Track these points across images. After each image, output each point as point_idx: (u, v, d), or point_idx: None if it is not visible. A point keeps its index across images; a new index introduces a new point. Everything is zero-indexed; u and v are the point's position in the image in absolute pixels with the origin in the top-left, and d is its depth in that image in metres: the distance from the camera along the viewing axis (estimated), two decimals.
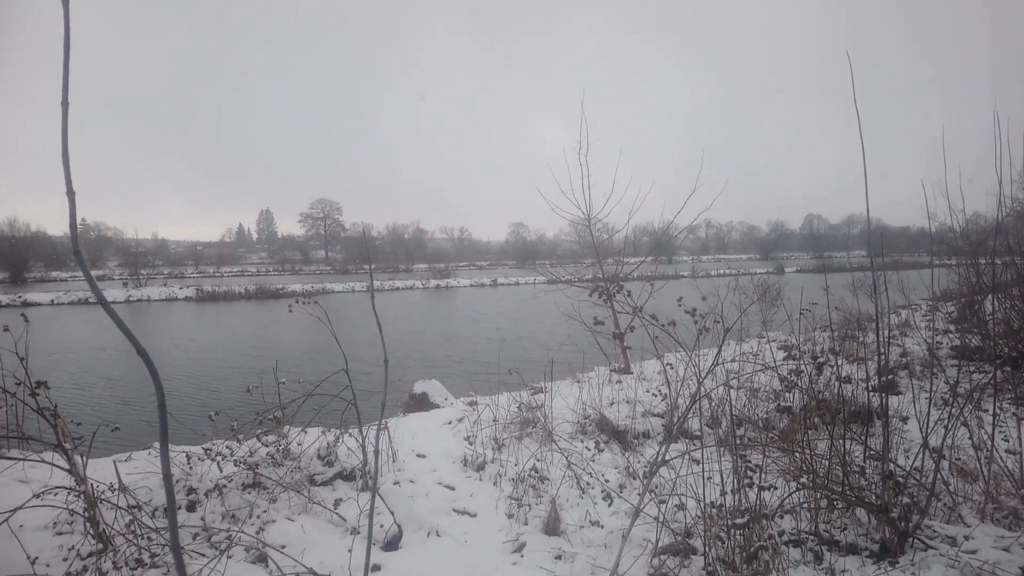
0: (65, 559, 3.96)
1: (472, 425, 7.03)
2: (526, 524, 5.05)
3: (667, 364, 5.98)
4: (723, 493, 4.00)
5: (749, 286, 12.55)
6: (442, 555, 4.58)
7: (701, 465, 4.34)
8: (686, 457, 4.69)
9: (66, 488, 4.32)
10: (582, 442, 6.66)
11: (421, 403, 9.75)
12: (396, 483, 5.61)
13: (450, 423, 7.39)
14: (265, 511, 4.86)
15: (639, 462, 5.92)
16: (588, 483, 5.56)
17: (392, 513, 4.86)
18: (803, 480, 4.48)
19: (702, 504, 4.15)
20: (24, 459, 4.64)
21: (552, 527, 4.87)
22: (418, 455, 6.53)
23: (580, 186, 10.08)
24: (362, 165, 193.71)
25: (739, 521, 3.61)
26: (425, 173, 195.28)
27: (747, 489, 4.38)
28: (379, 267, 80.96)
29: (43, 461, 4.45)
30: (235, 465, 5.32)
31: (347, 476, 5.77)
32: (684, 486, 4.60)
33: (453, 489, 5.73)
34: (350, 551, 4.14)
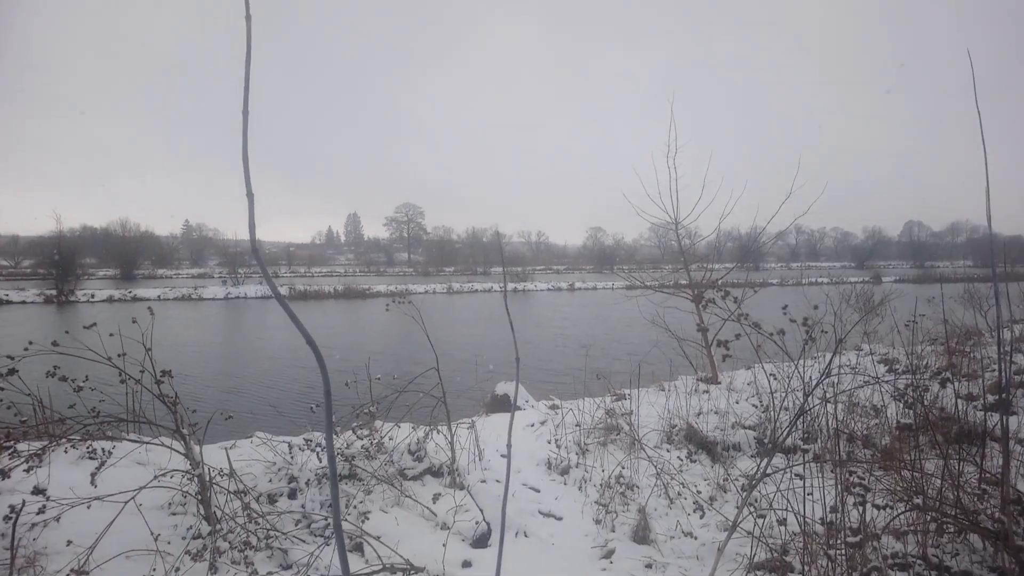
0: (183, 538, 4.25)
1: (555, 428, 7.05)
2: (613, 531, 5.03)
3: (770, 375, 5.79)
4: (832, 511, 3.85)
5: (846, 295, 11.97)
6: (531, 556, 4.62)
7: (804, 480, 4.18)
8: (787, 472, 4.54)
9: (181, 471, 4.64)
10: (669, 451, 6.55)
11: (503, 404, 9.86)
12: (483, 481, 5.70)
13: (532, 425, 7.43)
14: (361, 502, 5.05)
15: (730, 474, 5.77)
16: (679, 493, 5.46)
17: (481, 511, 4.95)
18: (913, 501, 4.24)
19: (802, 521, 4.00)
20: (147, 442, 5.01)
21: (642, 535, 4.83)
22: (503, 455, 6.60)
23: (667, 189, 9.93)
24: (444, 170, 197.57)
25: (852, 540, 3.46)
26: (503, 178, 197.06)
27: (850, 507, 4.19)
28: (457, 269, 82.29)
29: (163, 445, 4.81)
30: None
31: (436, 472, 5.92)
32: (781, 501, 4.45)
33: (538, 491, 5.76)
34: (444, 545, 4.25)
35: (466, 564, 4.43)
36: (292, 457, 5.62)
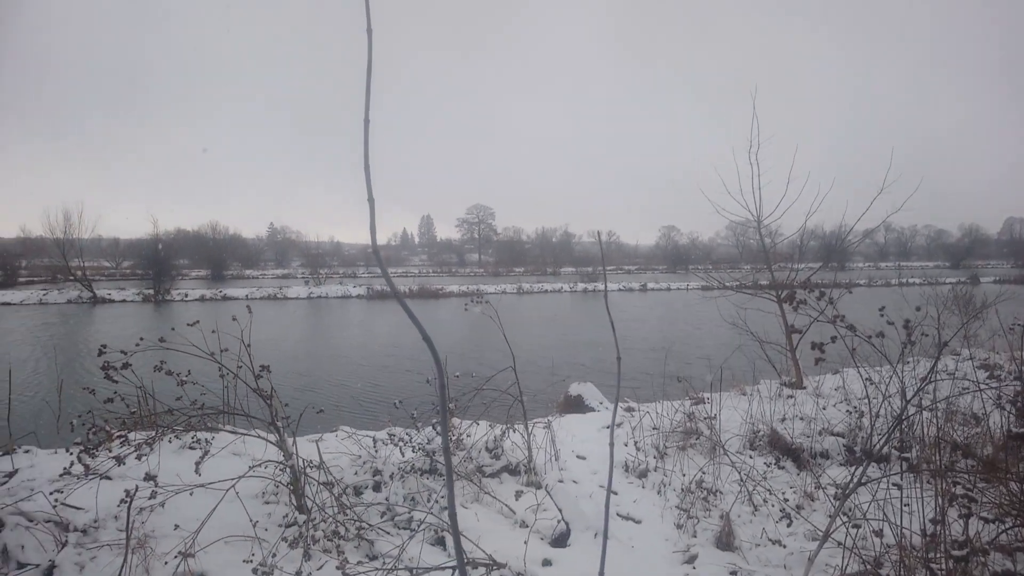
0: (279, 525, 4.46)
1: (632, 431, 6.97)
2: (695, 536, 4.92)
3: (866, 380, 5.53)
4: (933, 522, 3.64)
5: (943, 297, 11.25)
6: (610, 557, 4.57)
7: (901, 491, 3.97)
8: (883, 481, 4.32)
9: (275, 462, 4.87)
10: (752, 458, 6.36)
11: (576, 405, 9.83)
12: (560, 481, 5.70)
13: (608, 427, 7.37)
14: (442, 496, 5.15)
15: (819, 482, 5.54)
16: (764, 500, 5.29)
17: (560, 511, 4.95)
18: None
19: (898, 532, 3.81)
20: (243, 434, 5.28)
21: (725, 542, 4.71)
22: (578, 456, 6.59)
23: (748, 186, 9.63)
24: (513, 170, 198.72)
25: (957, 553, 3.26)
26: (572, 178, 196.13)
27: (951, 520, 3.95)
28: (527, 270, 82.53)
29: (258, 436, 5.06)
30: (413, 451, 5.70)
31: (513, 470, 5.97)
32: (875, 511, 4.24)
33: (616, 494, 5.71)
34: (526, 543, 4.28)
35: (546, 563, 4.45)
36: (376, 451, 5.80)
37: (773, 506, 5.24)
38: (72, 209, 57.52)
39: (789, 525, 4.93)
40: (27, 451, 5.85)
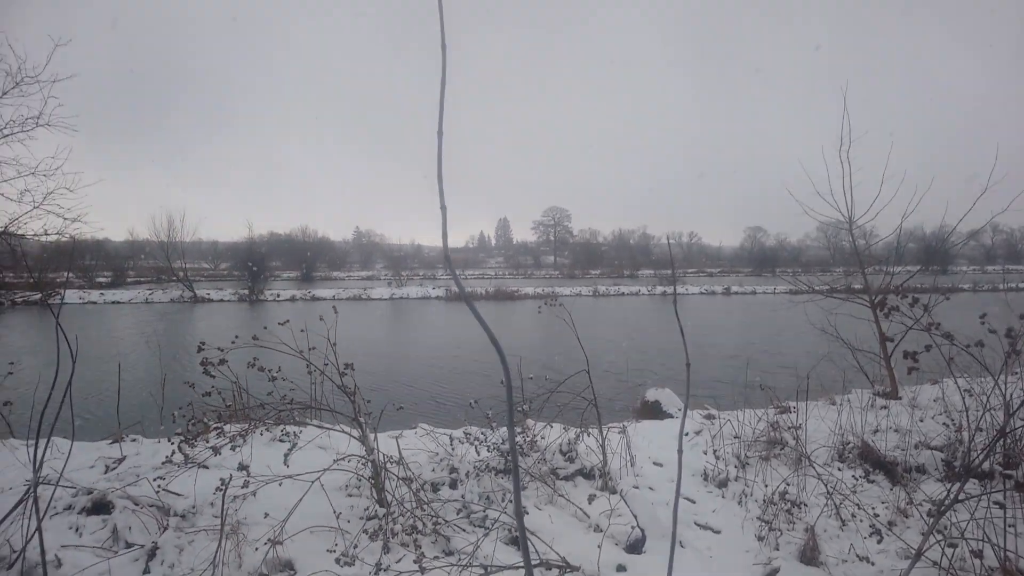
0: (361, 518, 4.64)
1: (712, 439, 6.80)
2: (777, 549, 4.75)
3: (964, 391, 5.18)
4: None
5: None
6: (688, 566, 4.50)
7: (1004, 510, 3.69)
8: (984, 499, 4.03)
9: (357, 456, 5.06)
10: (840, 470, 6.06)
11: (653, 411, 9.68)
12: (635, 487, 5.63)
13: (687, 435, 7.22)
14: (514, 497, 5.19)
15: (914, 499, 5.22)
16: (852, 515, 5.04)
17: (635, 516, 4.89)
18: None
19: (1001, 554, 3.54)
20: (328, 428, 5.52)
21: (809, 556, 4.52)
22: (655, 463, 6.49)
23: (839, 185, 9.18)
24: (591, 173, 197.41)
25: None
26: (651, 178, 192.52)
27: None
28: (603, 272, 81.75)
29: (342, 431, 5.28)
30: (488, 451, 5.78)
31: (587, 474, 5.94)
32: (976, 531, 3.96)
33: (694, 502, 5.60)
34: (599, 547, 4.26)
35: (620, 568, 4.41)
36: (453, 449, 5.92)
37: (862, 521, 4.98)
38: (175, 214, 61.94)
39: (879, 542, 4.67)
40: (134, 440, 6.34)
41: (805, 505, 5.28)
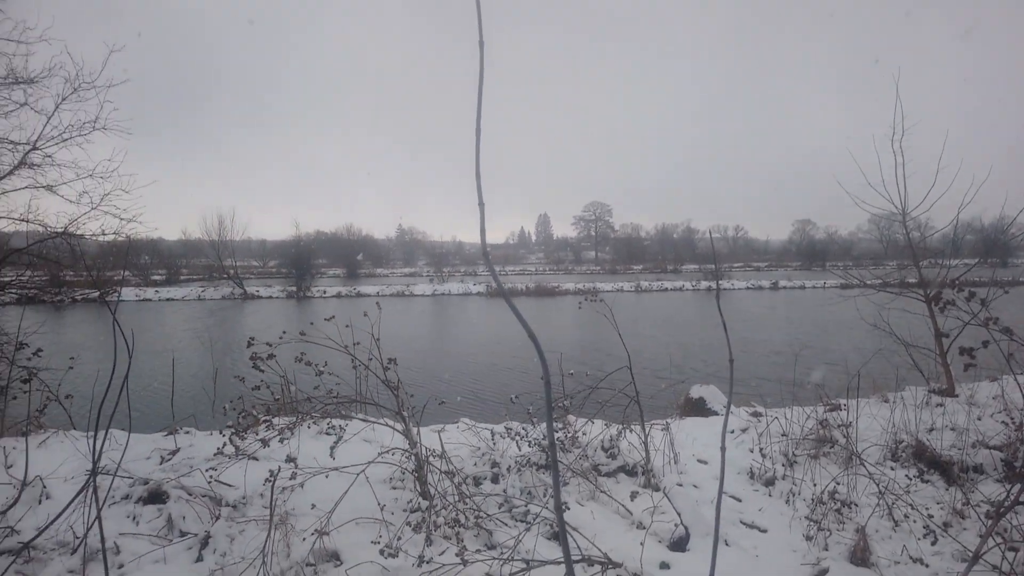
0: (404, 510, 4.70)
1: (758, 437, 6.67)
2: (826, 549, 4.63)
3: None
4: None
5: None
6: (732, 565, 4.42)
7: None
8: None
9: (401, 449, 5.13)
10: (893, 469, 5.88)
11: (698, 408, 9.53)
12: (679, 484, 5.57)
13: (733, 432, 7.10)
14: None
15: (971, 500, 5.02)
16: (905, 515, 4.88)
17: (679, 514, 4.84)
18: None
19: None
20: (372, 422, 5.61)
21: (860, 557, 4.39)
22: (699, 460, 6.40)
23: (891, 176, 8.86)
24: (632, 167, 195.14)
25: None
26: (695, 172, 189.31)
27: None
28: (646, 267, 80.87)
29: (386, 425, 5.36)
30: (529, 446, 5.79)
31: (629, 471, 5.90)
32: None
33: (740, 501, 5.51)
34: (642, 544, 4.23)
35: (664, 566, 4.36)
36: (494, 444, 5.96)
37: (915, 522, 4.81)
38: (225, 214, 63.87)
39: (934, 543, 4.51)
40: (187, 432, 6.57)
41: (856, 505, 5.14)
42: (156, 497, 4.84)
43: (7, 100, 6.89)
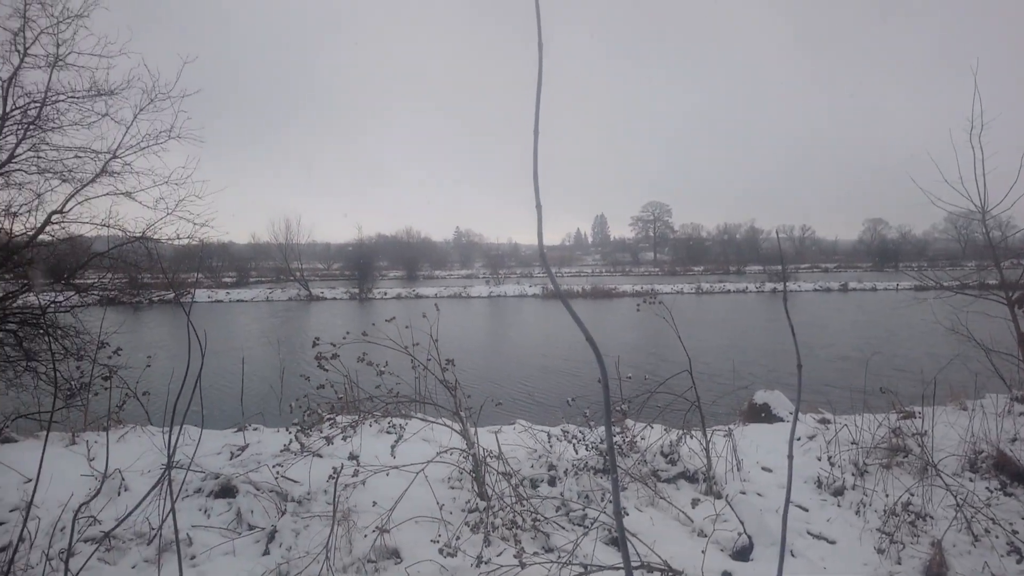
0: (462, 510, 4.75)
1: (826, 444, 6.43)
2: (899, 563, 4.43)
3: None
4: None
5: None
6: None
7: None
8: None
9: (459, 449, 5.19)
10: (972, 481, 5.56)
11: (762, 414, 9.26)
12: (742, 492, 5.43)
13: (799, 439, 6.86)
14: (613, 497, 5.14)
15: None
16: (987, 530, 4.61)
17: (742, 523, 4.71)
18: None
19: None
20: (431, 422, 5.70)
21: (936, 572, 4.18)
22: (763, 468, 6.23)
23: (970, 173, 8.38)
24: (693, 166, 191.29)
25: None
26: (758, 170, 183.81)
27: None
28: (707, 268, 79.12)
29: (444, 425, 5.43)
30: (587, 449, 5.75)
31: (690, 477, 5.79)
32: None
33: (806, 511, 5.32)
34: (703, 552, 4.14)
35: (726, 575, 4.26)
36: (551, 446, 5.94)
37: (998, 538, 4.54)
38: (292, 218, 66.14)
39: (1020, 561, 4.25)
40: (255, 429, 6.82)
41: (931, 517, 4.89)
42: (226, 491, 5.04)
43: (90, 111, 7.29)
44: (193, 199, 7.81)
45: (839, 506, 5.39)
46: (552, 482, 5.49)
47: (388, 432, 5.34)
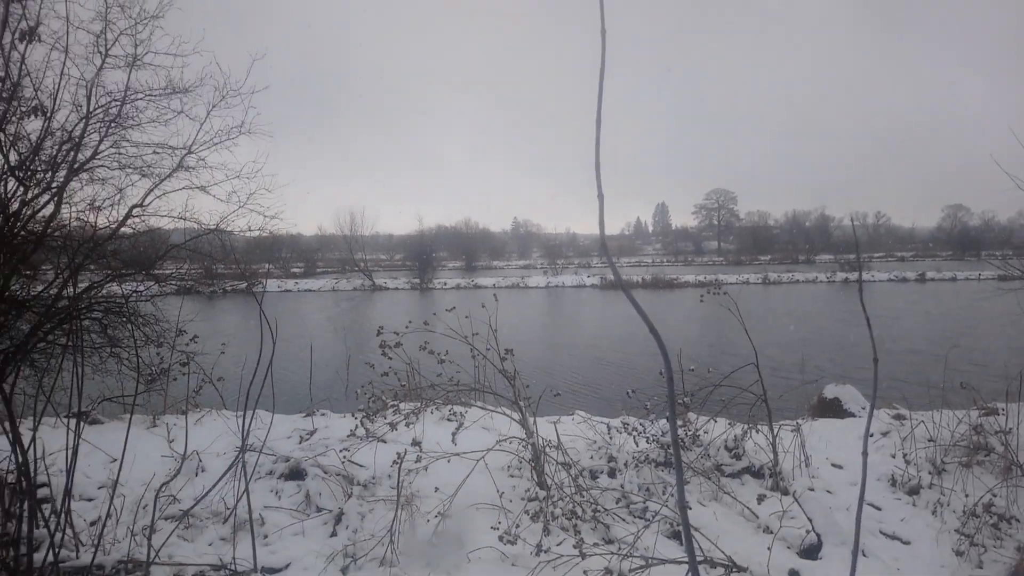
0: (522, 498, 4.79)
1: (901, 441, 6.16)
2: (980, 567, 4.21)
3: None
4: None
5: None
6: None
7: None
8: None
9: (518, 438, 5.22)
10: None
11: (832, 409, 8.95)
12: (811, 489, 5.26)
13: (872, 436, 6.59)
14: (676, 491, 5.08)
15: None
16: None
17: (810, 520, 4.57)
18: None
19: None
20: (491, 410, 5.76)
21: None
22: (833, 464, 6.03)
23: None
24: (759, 152, 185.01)
25: None
26: (828, 155, 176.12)
27: None
28: (774, 258, 76.57)
29: (503, 414, 5.48)
30: (647, 442, 5.69)
31: (756, 472, 5.65)
32: None
33: (879, 509, 5.12)
34: (769, 549, 4.04)
35: (793, 573, 4.15)
36: (610, 438, 5.91)
37: None
38: (356, 210, 67.86)
39: None
40: (323, 414, 7.05)
41: (1016, 520, 4.62)
42: (296, 474, 5.24)
43: (166, 109, 7.62)
44: (263, 192, 8.08)
45: (914, 505, 5.16)
46: (612, 474, 5.47)
47: (449, 420, 5.44)
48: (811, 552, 4.41)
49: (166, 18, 7.24)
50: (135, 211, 7.65)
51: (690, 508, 4.79)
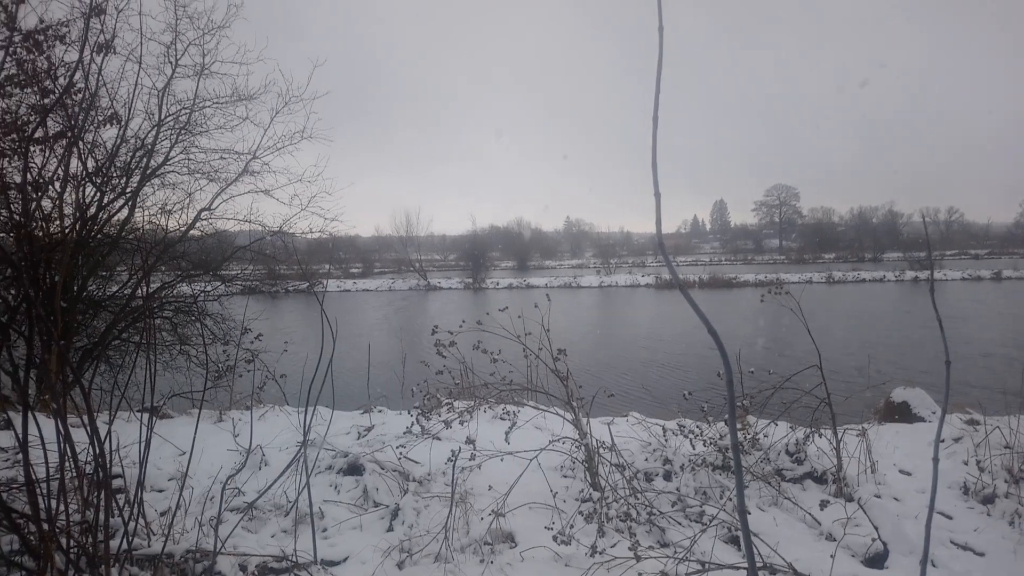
0: (575, 499, 4.78)
1: (975, 448, 5.85)
2: None
3: None
4: None
5: None
6: None
7: None
8: None
9: (571, 439, 5.20)
10: None
11: (900, 413, 8.58)
12: (877, 496, 5.05)
13: (943, 441, 6.28)
14: (735, 494, 4.96)
15: None
16: None
17: (876, 528, 4.40)
18: None
19: None
20: (543, 410, 5.76)
21: None
22: (901, 471, 5.79)
23: None
24: (822, 147, 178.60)
25: None
26: (898, 147, 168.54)
27: None
28: (839, 256, 73.83)
29: (556, 414, 5.47)
30: (704, 445, 5.58)
31: (818, 478, 5.48)
32: None
33: (950, 518, 4.89)
34: (832, 557, 3.91)
35: None
36: (666, 440, 5.82)
37: None
38: (412, 212, 69.17)
39: None
40: (380, 411, 7.20)
41: None
42: (354, 469, 5.36)
43: (232, 115, 7.94)
44: (323, 195, 8.33)
45: (988, 515, 4.91)
46: (667, 476, 5.39)
47: (502, 419, 5.47)
48: (877, 561, 4.25)
49: (232, 28, 7.53)
50: (203, 214, 7.98)
51: (749, 513, 4.67)
